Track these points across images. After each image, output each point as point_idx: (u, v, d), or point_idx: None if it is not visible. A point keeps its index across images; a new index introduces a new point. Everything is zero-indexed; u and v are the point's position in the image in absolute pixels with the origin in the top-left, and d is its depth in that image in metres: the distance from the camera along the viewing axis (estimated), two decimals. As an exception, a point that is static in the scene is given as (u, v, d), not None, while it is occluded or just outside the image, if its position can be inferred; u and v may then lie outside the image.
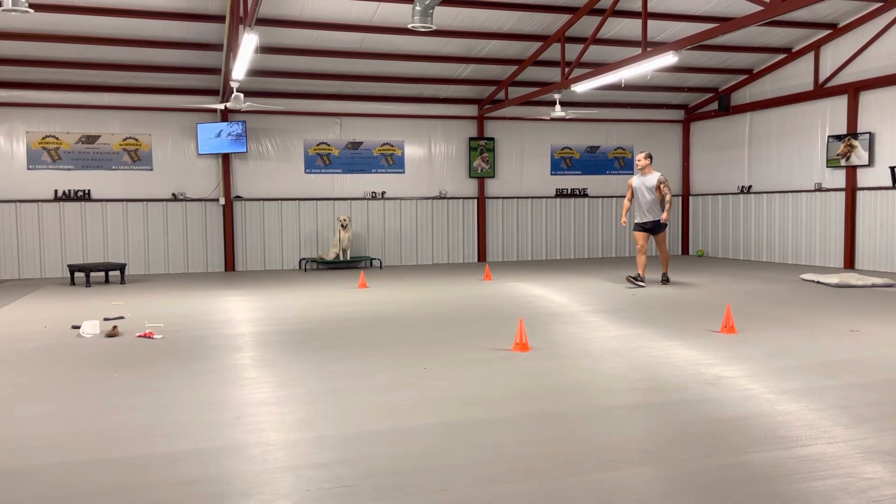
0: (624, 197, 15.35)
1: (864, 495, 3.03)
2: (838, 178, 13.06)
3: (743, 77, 14.93)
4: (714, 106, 15.92)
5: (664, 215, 10.42)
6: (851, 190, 12.74)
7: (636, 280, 10.45)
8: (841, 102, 12.91)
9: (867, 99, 12.45)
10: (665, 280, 10.93)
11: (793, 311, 8.12)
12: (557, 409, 4.36)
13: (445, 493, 3.11)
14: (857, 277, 10.41)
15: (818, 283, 10.69)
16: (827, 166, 13.19)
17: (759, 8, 8.33)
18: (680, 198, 16.98)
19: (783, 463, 3.40)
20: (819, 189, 13.43)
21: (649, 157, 10.63)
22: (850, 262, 12.81)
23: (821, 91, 13.15)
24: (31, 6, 7.29)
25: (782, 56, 13.89)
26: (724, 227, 15.87)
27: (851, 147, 12.62)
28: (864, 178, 12.62)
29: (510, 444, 3.74)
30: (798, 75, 13.77)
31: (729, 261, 15.06)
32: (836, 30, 12.68)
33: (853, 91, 12.54)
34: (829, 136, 13.11)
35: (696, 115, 16.49)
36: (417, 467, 3.41)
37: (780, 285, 10.57)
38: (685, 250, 17.01)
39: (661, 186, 10.42)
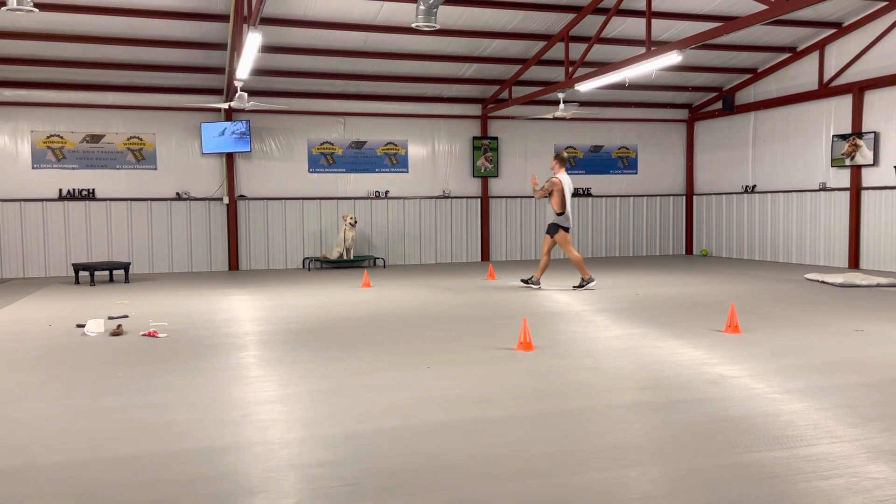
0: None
1: (869, 495, 3.03)
2: (843, 178, 13.03)
3: (747, 76, 14.90)
4: (718, 105, 15.89)
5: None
6: (856, 189, 12.71)
7: (584, 283, 10.22)
8: (845, 102, 12.87)
9: (872, 98, 12.42)
10: (524, 281, 10.56)
11: (797, 310, 8.11)
12: (561, 408, 4.36)
13: (449, 492, 3.11)
14: (862, 277, 10.39)
15: (823, 282, 10.66)
16: (831, 166, 13.15)
17: (764, 7, 8.30)
18: (684, 197, 16.96)
19: (787, 462, 3.40)
20: (823, 188, 13.39)
21: (556, 158, 10.28)
22: (854, 262, 12.77)
23: (825, 90, 13.12)
24: (35, 5, 7.31)
25: (787, 55, 13.85)
26: (729, 227, 15.84)
27: (856, 146, 12.59)
28: (868, 177, 12.59)
29: (514, 442, 3.74)
30: (802, 74, 13.74)
31: (733, 260, 15.04)
32: (840, 29, 12.65)
33: (858, 90, 12.51)
34: (833, 136, 13.08)
35: (700, 115, 16.46)
36: (421, 466, 3.41)
37: (784, 285, 10.55)
38: (689, 250, 16.99)
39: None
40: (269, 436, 3.88)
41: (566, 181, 10.18)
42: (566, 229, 10.22)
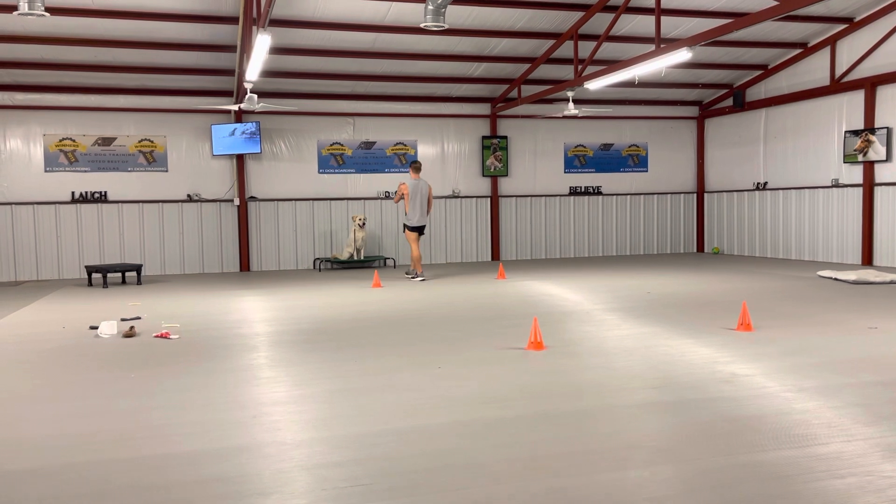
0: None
1: (883, 494, 3.01)
2: (855, 174, 12.94)
3: (758, 73, 14.82)
4: (729, 102, 15.81)
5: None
6: (869, 185, 12.61)
7: (414, 275, 11.96)
8: (857, 97, 12.78)
9: (884, 93, 12.32)
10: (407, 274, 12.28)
11: (810, 308, 8.06)
12: (572, 407, 4.35)
13: (460, 493, 3.11)
14: (876, 274, 10.31)
15: (836, 279, 10.59)
16: (844, 162, 13.06)
17: (775, 2, 8.25)
18: (695, 195, 16.89)
19: (801, 461, 3.38)
20: (836, 185, 13.30)
21: (411, 166, 11.80)
22: (867, 259, 12.68)
23: (837, 86, 13.03)
24: (46, 10, 7.35)
25: (798, 51, 13.76)
26: (740, 225, 15.76)
27: (868, 142, 12.49)
28: (881, 173, 12.49)
29: (525, 442, 3.73)
30: (814, 70, 13.65)
31: (745, 258, 14.96)
32: (852, 24, 12.56)
33: (870, 86, 12.41)
34: (845, 132, 12.99)
35: (710, 112, 16.38)
36: (432, 466, 3.42)
37: (796, 282, 10.48)
38: (700, 248, 16.91)
39: None
40: (280, 436, 3.90)
41: (413, 186, 11.63)
42: (411, 228, 11.76)
